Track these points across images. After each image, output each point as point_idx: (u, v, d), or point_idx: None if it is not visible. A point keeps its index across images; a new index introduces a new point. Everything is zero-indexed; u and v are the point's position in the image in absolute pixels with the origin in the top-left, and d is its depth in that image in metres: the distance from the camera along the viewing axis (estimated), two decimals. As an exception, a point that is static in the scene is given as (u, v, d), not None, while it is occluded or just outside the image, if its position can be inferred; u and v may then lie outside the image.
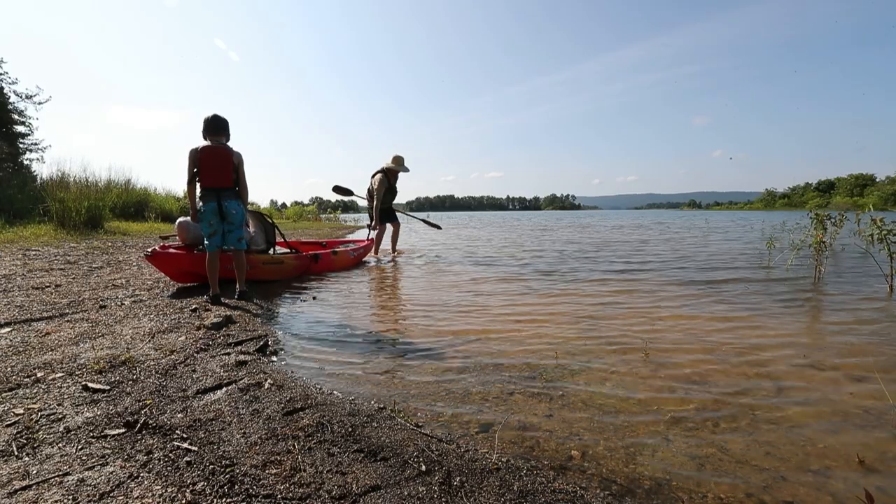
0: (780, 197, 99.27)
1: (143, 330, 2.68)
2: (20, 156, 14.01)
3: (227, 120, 3.48)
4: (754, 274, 5.10)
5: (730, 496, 1.25)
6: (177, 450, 1.40)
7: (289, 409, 1.70)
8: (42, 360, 2.13)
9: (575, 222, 23.88)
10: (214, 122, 3.39)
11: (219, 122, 3.41)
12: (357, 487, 1.24)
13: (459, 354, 2.42)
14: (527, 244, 9.87)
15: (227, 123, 3.47)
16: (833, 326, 2.94)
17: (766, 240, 6.17)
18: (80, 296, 3.48)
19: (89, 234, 7.72)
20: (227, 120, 3.48)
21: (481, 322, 3.10)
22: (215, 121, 3.40)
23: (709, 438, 1.55)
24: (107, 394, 1.79)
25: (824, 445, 1.50)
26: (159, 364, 2.13)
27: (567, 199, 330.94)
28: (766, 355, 2.37)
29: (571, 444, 1.51)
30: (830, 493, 1.26)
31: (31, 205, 8.82)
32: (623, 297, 3.89)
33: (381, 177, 6.70)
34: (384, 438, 1.50)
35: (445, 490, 1.23)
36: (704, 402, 1.82)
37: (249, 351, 2.40)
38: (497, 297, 4.01)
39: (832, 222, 4.96)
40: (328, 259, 5.52)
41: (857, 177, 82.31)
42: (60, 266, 4.76)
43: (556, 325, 3.02)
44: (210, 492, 1.19)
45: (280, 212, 22.77)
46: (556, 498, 1.22)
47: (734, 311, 3.33)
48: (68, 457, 1.34)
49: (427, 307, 3.70)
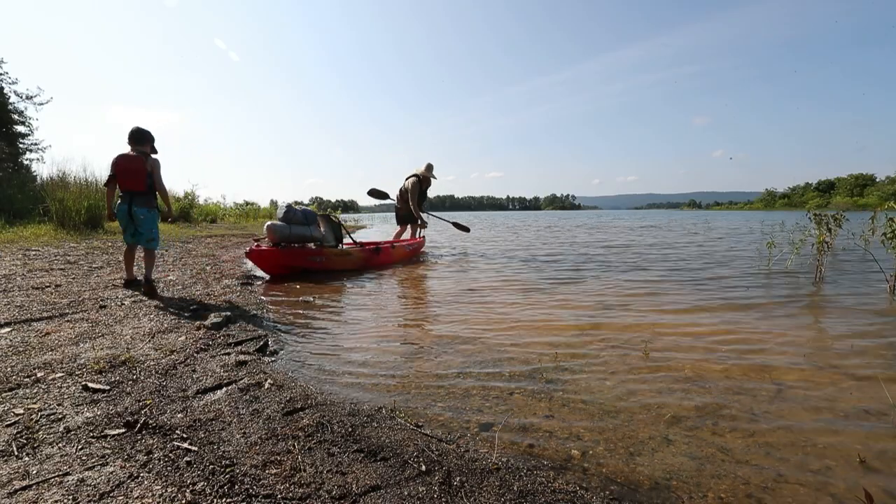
0: (780, 197, 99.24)
1: (143, 330, 2.68)
2: (20, 156, 14.00)
3: (148, 132, 3.79)
4: (754, 274, 5.10)
5: (730, 496, 1.25)
6: (177, 450, 1.40)
7: (289, 409, 1.70)
8: (42, 360, 2.13)
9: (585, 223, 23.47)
10: (135, 133, 3.72)
11: (139, 134, 3.73)
12: (357, 487, 1.24)
13: (459, 354, 2.42)
14: (533, 244, 9.87)
15: (147, 134, 3.78)
16: (833, 326, 2.94)
17: (766, 240, 6.17)
18: (80, 296, 3.48)
19: (89, 234, 7.72)
20: (148, 132, 3.79)
21: (482, 322, 3.10)
22: (136, 132, 3.72)
23: (709, 438, 1.55)
24: (107, 394, 1.79)
25: (824, 445, 1.50)
26: (159, 364, 2.13)
27: (567, 199, 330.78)
28: (765, 355, 2.37)
29: (571, 444, 1.51)
30: (830, 493, 1.26)
31: (32, 205, 8.81)
32: (623, 297, 3.89)
33: (414, 180, 7.10)
34: (384, 438, 1.50)
35: (445, 490, 1.23)
36: (704, 402, 1.82)
37: (249, 351, 2.40)
38: (497, 297, 4.01)
39: (833, 222, 4.95)
40: (388, 252, 6.34)
41: (857, 177, 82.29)
42: (60, 266, 4.76)
43: (557, 325, 3.02)
44: (210, 492, 1.19)
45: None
46: (556, 498, 1.22)
47: (734, 311, 3.33)
48: (68, 457, 1.34)
49: (427, 307, 3.70)
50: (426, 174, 7.14)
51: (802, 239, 5.45)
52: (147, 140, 3.76)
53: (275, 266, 4.99)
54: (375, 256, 6.05)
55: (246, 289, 4.24)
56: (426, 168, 7.17)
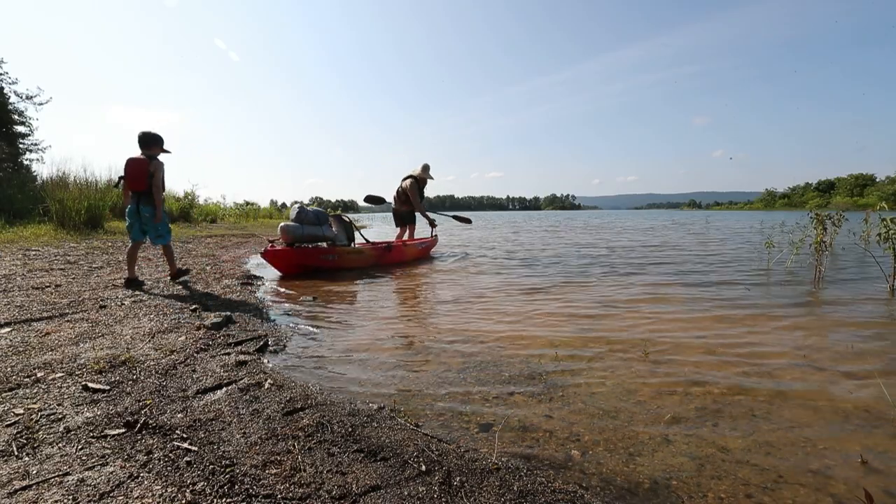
0: (780, 197, 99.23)
1: (143, 330, 2.68)
2: (20, 156, 13.99)
3: (156, 135, 4.04)
4: (754, 274, 5.10)
5: (730, 496, 1.25)
6: (177, 450, 1.40)
7: (289, 409, 1.70)
8: (42, 360, 2.13)
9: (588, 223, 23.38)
10: (142, 137, 3.98)
11: (146, 137, 3.98)
12: (357, 487, 1.24)
13: (459, 354, 2.42)
14: (535, 245, 9.87)
15: (154, 137, 4.02)
16: (833, 326, 2.94)
17: (765, 240, 6.18)
18: (80, 296, 3.48)
19: (89, 234, 7.72)
20: (156, 135, 4.04)
21: (482, 322, 3.10)
22: (143, 136, 3.99)
23: (709, 438, 1.55)
24: (107, 394, 1.79)
25: (824, 445, 1.50)
26: (159, 364, 2.13)
27: (567, 199, 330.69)
28: (766, 355, 2.37)
29: (571, 444, 1.51)
30: (830, 493, 1.26)
31: (31, 205, 8.81)
32: (623, 297, 3.89)
33: (412, 181, 7.13)
34: (384, 438, 1.50)
35: (445, 490, 1.23)
36: (704, 402, 1.82)
37: (249, 351, 2.40)
38: (498, 297, 4.01)
39: (832, 222, 4.95)
40: (400, 250, 6.47)
41: (857, 177, 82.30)
42: (60, 266, 4.76)
43: (557, 325, 3.02)
44: (210, 492, 1.19)
45: (280, 212, 22.80)
46: (556, 498, 1.22)
47: (734, 312, 3.33)
48: (68, 457, 1.34)
49: (428, 307, 3.70)
50: (422, 175, 7.17)
51: (802, 239, 5.45)
52: (154, 143, 4.00)
53: (289, 265, 5.17)
54: (387, 254, 6.19)
55: (246, 289, 4.24)
56: (422, 168, 7.21)
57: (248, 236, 10.40)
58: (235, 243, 8.73)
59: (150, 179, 3.90)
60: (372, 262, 6.00)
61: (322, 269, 5.34)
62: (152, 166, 3.91)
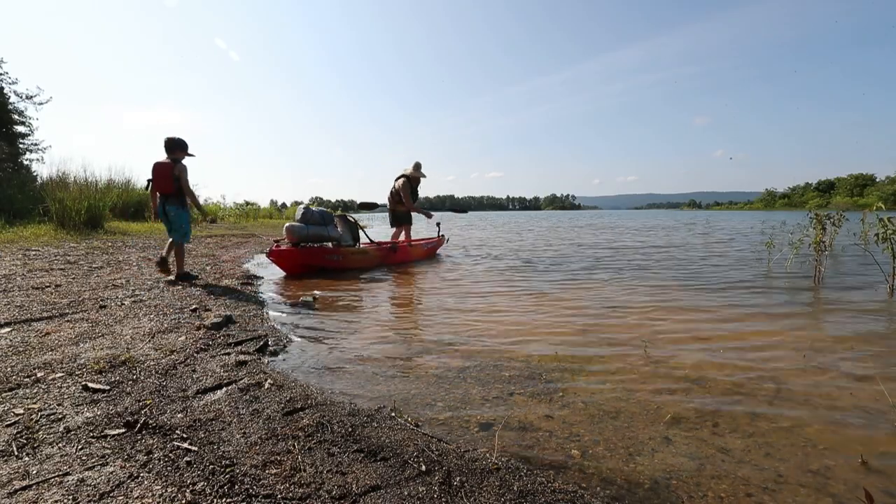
0: (780, 197, 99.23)
1: (143, 330, 2.68)
2: (20, 156, 13.98)
3: (180, 140, 4.31)
4: (754, 274, 5.10)
5: (730, 496, 1.25)
6: (177, 450, 1.40)
7: (289, 409, 1.70)
8: (42, 360, 2.13)
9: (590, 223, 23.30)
10: (167, 143, 4.27)
11: (171, 142, 4.27)
12: (357, 487, 1.24)
13: (459, 354, 2.42)
14: (536, 245, 9.86)
15: (179, 142, 4.29)
16: (833, 326, 2.94)
17: (766, 240, 6.17)
18: (80, 296, 3.48)
19: (89, 234, 7.72)
20: (180, 140, 4.31)
21: (482, 322, 3.10)
22: (168, 141, 4.27)
23: (709, 438, 1.55)
24: (107, 394, 1.79)
25: (824, 445, 1.50)
26: (159, 364, 2.13)
27: (567, 199, 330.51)
28: (766, 355, 2.37)
29: (571, 444, 1.51)
30: (830, 493, 1.26)
31: (31, 205, 8.80)
32: (623, 298, 3.89)
33: (404, 181, 7.10)
34: (384, 438, 1.50)
35: (445, 490, 1.23)
36: (704, 402, 1.82)
37: (249, 351, 2.40)
38: (498, 297, 4.01)
39: (831, 222, 4.95)
40: (405, 250, 6.51)
41: (857, 177, 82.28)
42: (60, 266, 4.76)
43: (557, 325, 3.02)
44: (210, 492, 1.19)
45: (280, 212, 22.80)
46: (556, 498, 1.22)
47: (734, 312, 3.33)
48: (68, 457, 1.34)
49: (427, 307, 3.70)
50: (414, 173, 7.14)
51: (801, 239, 5.45)
52: (179, 148, 4.29)
53: (294, 265, 5.20)
54: (392, 254, 6.23)
55: (246, 289, 4.24)
56: (414, 167, 7.18)
57: (248, 236, 10.40)
58: (235, 243, 8.72)
59: (175, 182, 4.23)
60: (377, 263, 6.01)
61: (327, 269, 5.35)
62: (177, 169, 4.21)
